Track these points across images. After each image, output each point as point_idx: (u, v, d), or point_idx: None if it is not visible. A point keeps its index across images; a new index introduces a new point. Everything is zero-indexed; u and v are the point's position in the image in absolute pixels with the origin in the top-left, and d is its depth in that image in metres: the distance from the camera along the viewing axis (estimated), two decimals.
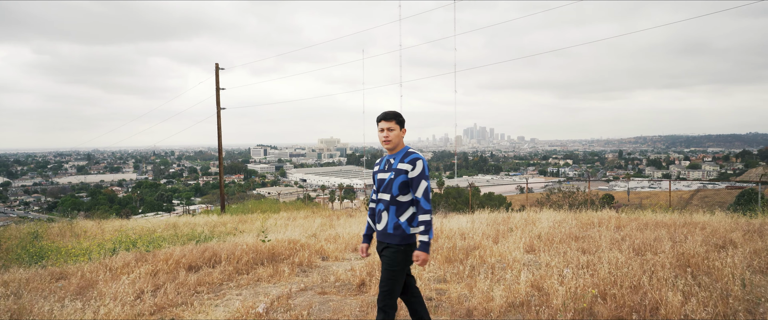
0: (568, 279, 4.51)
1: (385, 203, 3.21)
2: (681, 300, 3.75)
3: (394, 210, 3.19)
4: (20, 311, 4.29)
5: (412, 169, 3.19)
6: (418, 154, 3.25)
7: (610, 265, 4.87)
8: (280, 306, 4.48)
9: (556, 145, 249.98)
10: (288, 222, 13.68)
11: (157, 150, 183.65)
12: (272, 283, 5.59)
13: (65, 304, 4.58)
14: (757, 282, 4.36)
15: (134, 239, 9.48)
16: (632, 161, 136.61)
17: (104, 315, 4.13)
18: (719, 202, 35.31)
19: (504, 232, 8.39)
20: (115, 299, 4.61)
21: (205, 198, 79.43)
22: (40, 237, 11.04)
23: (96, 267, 6.41)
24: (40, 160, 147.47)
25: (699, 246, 6.10)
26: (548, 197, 20.69)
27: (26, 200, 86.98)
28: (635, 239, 7.04)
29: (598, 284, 4.42)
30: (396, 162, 3.25)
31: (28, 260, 8.29)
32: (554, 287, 4.30)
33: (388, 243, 3.19)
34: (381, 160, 3.41)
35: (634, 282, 4.39)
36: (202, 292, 5.27)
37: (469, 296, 4.52)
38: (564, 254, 6.09)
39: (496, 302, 4.11)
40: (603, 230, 8.31)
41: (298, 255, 6.78)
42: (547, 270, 5.08)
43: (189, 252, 6.88)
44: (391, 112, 3.24)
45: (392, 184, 3.19)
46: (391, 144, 3.24)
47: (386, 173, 3.26)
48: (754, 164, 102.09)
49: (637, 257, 5.61)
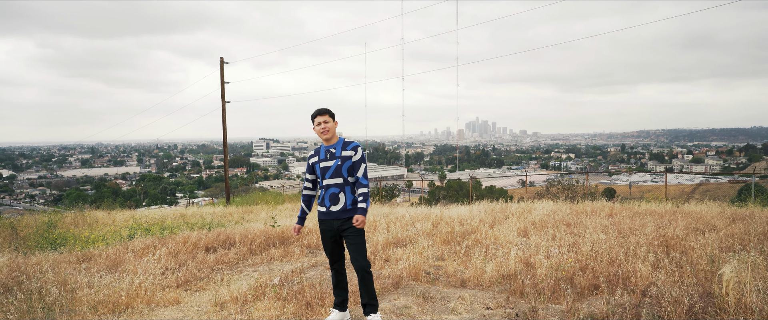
0: (554, 256, 4.99)
1: (340, 186, 3.70)
2: (649, 271, 4.23)
3: (350, 190, 3.71)
4: (63, 282, 4.81)
5: (355, 154, 3.72)
6: (356, 142, 3.81)
7: (592, 244, 5.36)
8: (293, 278, 4.98)
9: (559, 138, 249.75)
10: (292, 213, 14.19)
11: (160, 143, 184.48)
12: (284, 262, 6.10)
13: (102, 277, 5.09)
14: (724, 258, 4.83)
15: (147, 227, 9.97)
16: (635, 155, 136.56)
17: (138, 284, 4.64)
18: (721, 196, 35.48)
19: (500, 219, 8.87)
20: (146, 273, 5.13)
21: (208, 191, 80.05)
22: (55, 226, 11.55)
23: (119, 250, 6.91)
24: (45, 153, 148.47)
25: (680, 230, 6.58)
26: (548, 189, 21.15)
27: (31, 193, 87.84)
28: (623, 225, 7.51)
29: (580, 260, 4.90)
30: (338, 150, 3.73)
31: (48, 246, 8.78)
32: (540, 261, 4.79)
33: (348, 217, 3.68)
34: (318, 151, 3.83)
35: (612, 257, 4.87)
36: (221, 269, 5.78)
37: (463, 270, 5.01)
38: (553, 237, 6.57)
39: (488, 274, 4.60)
40: (595, 218, 8.77)
41: (306, 239, 7.28)
42: (536, 249, 5.56)
43: (205, 236, 7.39)
44: (324, 108, 3.76)
45: (341, 169, 3.69)
46: (329, 134, 3.73)
47: (330, 161, 3.72)
48: (757, 158, 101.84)
49: (620, 238, 6.09)
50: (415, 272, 4.90)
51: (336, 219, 3.71)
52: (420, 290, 4.42)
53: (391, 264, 5.30)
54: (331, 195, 3.72)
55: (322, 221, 3.81)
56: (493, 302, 4.06)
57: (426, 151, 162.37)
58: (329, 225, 3.75)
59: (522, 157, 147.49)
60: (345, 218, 3.70)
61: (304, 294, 4.26)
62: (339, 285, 3.83)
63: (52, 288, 4.42)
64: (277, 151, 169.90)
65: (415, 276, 4.85)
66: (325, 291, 4.42)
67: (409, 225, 8.20)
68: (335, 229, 3.74)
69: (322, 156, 3.81)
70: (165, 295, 4.56)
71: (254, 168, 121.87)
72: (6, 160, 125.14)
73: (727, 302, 3.33)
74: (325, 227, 3.79)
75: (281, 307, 4.02)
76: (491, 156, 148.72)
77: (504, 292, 4.31)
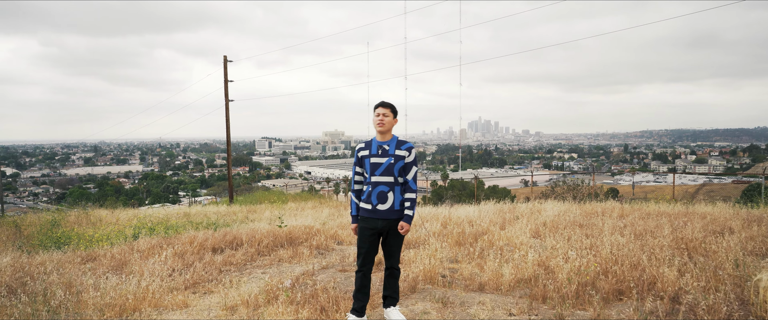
0: (572, 258, 4.83)
1: (389, 185, 3.58)
2: (676, 276, 4.07)
3: (399, 190, 3.60)
4: (68, 284, 4.67)
5: (408, 156, 3.61)
6: (410, 142, 3.67)
7: (611, 246, 5.20)
8: (305, 280, 4.84)
9: (561, 138, 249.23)
10: (297, 213, 14.06)
11: (163, 142, 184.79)
12: (293, 263, 5.95)
13: (108, 278, 4.95)
14: (749, 262, 4.67)
15: (152, 226, 9.84)
16: (638, 155, 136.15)
17: (145, 287, 4.50)
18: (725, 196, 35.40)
19: (510, 220, 8.71)
20: (153, 275, 4.99)
21: (211, 190, 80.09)
22: (58, 225, 11.44)
23: (124, 250, 6.78)
24: (48, 151, 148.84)
25: (697, 232, 6.41)
26: (553, 189, 20.99)
27: (35, 191, 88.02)
28: (637, 226, 7.34)
29: (601, 263, 4.74)
30: (392, 148, 3.60)
31: (51, 245, 8.66)
32: (559, 265, 4.63)
33: (396, 218, 3.60)
34: (368, 145, 3.68)
35: (634, 261, 4.71)
36: (229, 271, 5.64)
37: (480, 274, 4.86)
38: (568, 238, 6.42)
39: (506, 278, 4.45)
40: (606, 219, 8.60)
41: (315, 239, 7.14)
42: (553, 252, 5.40)
43: (211, 236, 7.26)
44: (388, 102, 3.66)
45: (393, 168, 3.57)
46: (384, 127, 3.58)
47: (382, 158, 3.58)
48: (761, 158, 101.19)
49: (637, 240, 5.93)
50: (431, 275, 4.75)
51: (382, 219, 3.59)
52: (438, 294, 4.27)
53: (405, 267, 5.15)
54: (379, 194, 3.59)
55: (364, 218, 3.65)
56: (515, 307, 3.91)
57: (428, 150, 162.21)
58: (373, 224, 3.61)
59: (524, 156, 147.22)
60: (391, 219, 3.60)
61: (318, 298, 4.11)
62: (362, 289, 3.68)
63: (56, 290, 4.28)
64: (280, 150, 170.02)
65: (430, 279, 4.69)
66: (340, 294, 4.27)
67: (419, 225, 8.05)
68: (379, 229, 3.61)
69: (373, 150, 3.66)
70: (173, 298, 4.42)
71: (257, 167, 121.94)
72: (9, 158, 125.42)
73: (765, 311, 3.17)
74: (367, 225, 3.64)
75: (295, 312, 3.87)
76: (494, 155, 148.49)
77: (525, 297, 4.16)
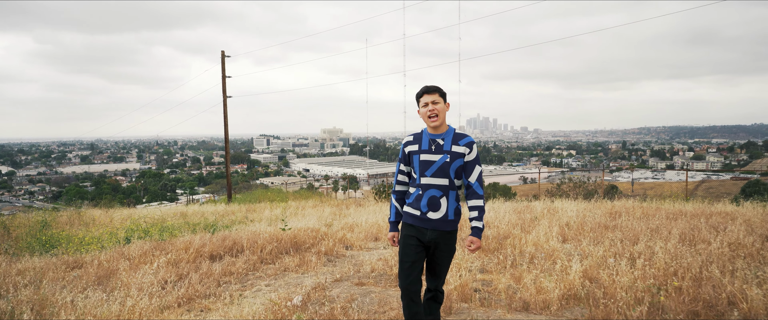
0: (624, 270, 4.21)
1: (442, 188, 2.91)
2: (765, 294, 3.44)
3: (455, 196, 2.95)
4: (42, 302, 4.02)
5: (470, 153, 2.94)
6: (470, 136, 2.99)
7: (665, 255, 4.57)
8: (317, 297, 4.20)
9: (560, 135, 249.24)
10: (298, 212, 13.43)
11: (160, 140, 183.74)
12: (301, 273, 5.32)
13: (87, 295, 4.31)
14: None
15: (146, 227, 9.24)
16: (636, 152, 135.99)
17: (131, 307, 3.86)
18: (725, 193, 35.17)
19: (528, 221, 8.11)
20: (141, 290, 4.34)
21: (209, 188, 79.36)
22: (49, 226, 10.81)
23: (113, 256, 6.15)
24: (44, 149, 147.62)
25: (744, 235, 5.81)
26: (559, 187, 20.46)
27: (31, 189, 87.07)
28: (671, 228, 6.75)
29: (657, 276, 4.12)
30: (448, 143, 2.93)
31: (39, 248, 8.07)
32: (612, 278, 4.01)
33: (449, 231, 2.94)
34: (418, 138, 3.02)
35: (696, 273, 4.09)
36: (229, 283, 5.00)
37: (517, 288, 4.23)
38: (604, 243, 5.81)
39: (555, 294, 3.81)
40: (632, 220, 8.02)
41: (322, 244, 6.51)
42: (594, 260, 4.78)
43: (209, 240, 6.62)
44: (433, 86, 2.96)
45: (449, 168, 2.90)
46: (439, 119, 2.91)
47: (435, 155, 2.92)
48: (759, 155, 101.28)
49: (685, 247, 5.32)
50: (464, 291, 4.11)
51: (433, 229, 2.93)
52: (479, 317, 3.63)
53: None
54: (430, 199, 2.92)
55: (410, 226, 2.98)
56: None
57: None
58: (420, 234, 2.95)
59: (523, 153, 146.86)
60: (444, 231, 2.93)
61: None
62: (415, 317, 2.93)
63: (25, 311, 3.64)
64: (278, 147, 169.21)
65: (464, 296, 4.05)
66: (362, 316, 3.63)
67: None
68: (427, 241, 2.94)
69: (424, 145, 2.98)
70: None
71: (255, 165, 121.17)
72: (5, 157, 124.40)
73: None
74: (413, 234, 2.96)
75: None
76: (492, 153, 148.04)
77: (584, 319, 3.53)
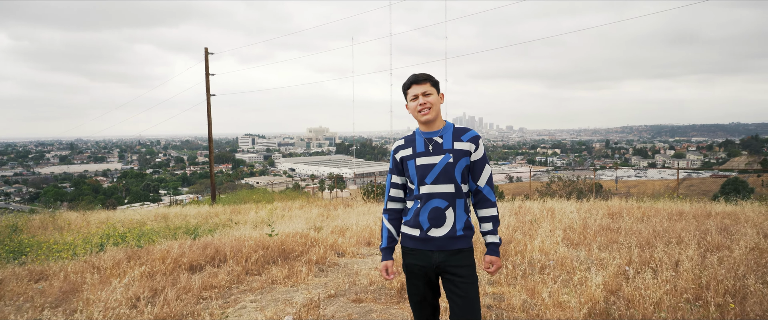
0: (649, 282, 3.81)
1: (448, 197, 2.33)
2: None
3: (463, 206, 2.37)
4: None
5: (476, 150, 2.37)
6: (474, 130, 2.43)
7: (691, 263, 4.18)
8: (310, 317, 3.71)
9: (545, 134, 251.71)
10: (284, 213, 12.90)
11: (143, 139, 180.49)
12: (290, 286, 4.81)
13: (44, 315, 3.75)
14: None
15: (123, 233, 8.63)
16: (619, 150, 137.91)
17: None
18: (705, 191, 35.79)
19: (529, 224, 7.73)
20: (106, 310, 3.80)
21: (193, 188, 77.99)
22: (19, 231, 10.14)
23: (81, 267, 5.57)
24: (21, 149, 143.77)
25: (761, 239, 5.50)
26: (548, 186, 20.28)
27: (6, 191, 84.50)
28: (679, 231, 6.43)
29: (687, 288, 3.73)
30: (448, 140, 2.37)
31: (5, 256, 7.44)
32: (639, 292, 3.60)
33: (459, 249, 2.32)
34: (410, 140, 2.46)
35: (730, 286, 3.71)
36: (209, 298, 4.47)
37: (534, 303, 3.80)
38: (616, 249, 5.43)
39: (580, 313, 3.38)
40: (634, 221, 7.71)
41: (312, 252, 6.01)
42: (612, 270, 4.38)
43: (188, 248, 6.07)
44: (423, 74, 2.39)
45: (454, 170, 2.32)
46: (432, 112, 2.36)
47: (435, 156, 2.34)
48: (736, 153, 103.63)
49: (706, 253, 4.96)
50: None
51: (438, 250, 2.34)
52: None
53: None
54: (432, 212, 2.34)
55: (411, 252, 2.40)
56: None
57: None
58: (424, 259, 2.36)
59: (508, 152, 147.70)
60: (452, 250, 2.33)
61: None
62: None
63: None
64: (263, 146, 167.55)
65: None
66: None
67: None
68: (433, 266, 2.35)
69: (419, 147, 2.40)
70: None
71: (240, 165, 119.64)
72: None
73: None
74: (415, 261, 2.38)
75: None
76: None
77: None
